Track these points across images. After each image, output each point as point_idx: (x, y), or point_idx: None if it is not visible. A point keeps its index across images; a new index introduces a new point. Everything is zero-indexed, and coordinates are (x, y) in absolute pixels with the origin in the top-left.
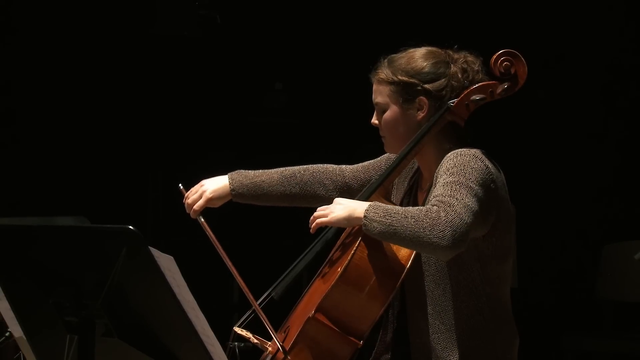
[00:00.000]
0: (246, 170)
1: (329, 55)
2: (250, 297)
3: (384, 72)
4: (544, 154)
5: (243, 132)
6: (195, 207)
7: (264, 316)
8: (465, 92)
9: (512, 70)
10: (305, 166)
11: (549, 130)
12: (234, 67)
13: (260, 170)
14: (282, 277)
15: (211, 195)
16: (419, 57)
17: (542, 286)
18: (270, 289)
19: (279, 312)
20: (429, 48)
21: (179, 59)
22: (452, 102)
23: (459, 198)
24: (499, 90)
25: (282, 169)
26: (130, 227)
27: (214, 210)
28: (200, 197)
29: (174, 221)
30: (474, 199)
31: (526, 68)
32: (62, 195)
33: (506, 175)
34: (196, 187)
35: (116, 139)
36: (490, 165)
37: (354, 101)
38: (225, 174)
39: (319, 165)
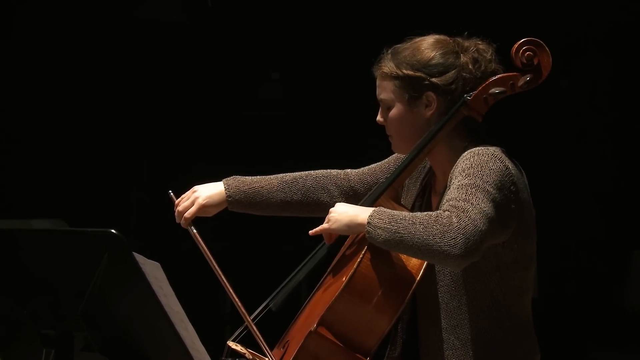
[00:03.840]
0: (242, 176)
1: (330, 41)
2: (243, 311)
3: (388, 66)
4: (568, 151)
5: (236, 127)
6: (186, 214)
7: (257, 332)
8: (484, 84)
9: (535, 61)
10: (307, 172)
11: (573, 125)
12: (226, 55)
13: (258, 176)
14: (280, 287)
15: (205, 202)
16: (425, 47)
17: (566, 296)
18: (267, 300)
19: (277, 326)
20: (436, 37)
21: (166, 47)
22: (469, 96)
23: (474, 202)
24: (520, 82)
25: (281, 174)
26: (113, 230)
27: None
28: (192, 204)
29: (161, 224)
30: (490, 204)
31: (550, 58)
32: (37, 197)
33: (527, 175)
34: (188, 193)
35: (97, 134)
36: (510, 166)
37: (358, 93)
38: (218, 174)
39: (321, 170)
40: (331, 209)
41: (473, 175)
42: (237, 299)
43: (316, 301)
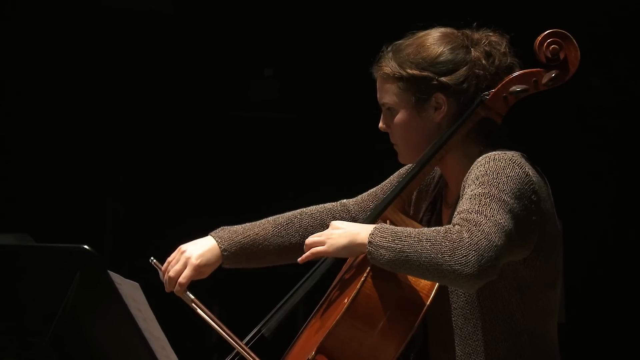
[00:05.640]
0: (230, 226)
1: (330, 33)
2: (234, 339)
3: (389, 66)
4: (596, 155)
5: (224, 130)
6: (181, 279)
7: (252, 355)
8: (503, 81)
9: (562, 55)
10: (299, 210)
11: (605, 126)
12: (213, 49)
13: (247, 224)
14: (274, 310)
15: (198, 261)
16: (431, 43)
17: (595, 320)
18: (259, 325)
19: (271, 353)
20: (442, 30)
21: (144, 40)
22: (487, 94)
23: (489, 214)
24: (544, 79)
25: (272, 217)
26: (85, 246)
27: None
28: (184, 266)
29: (139, 239)
30: (507, 216)
31: (578, 52)
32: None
33: (551, 183)
34: (175, 255)
35: (66, 139)
36: (531, 172)
37: (363, 91)
38: (204, 182)
39: (314, 206)
40: (326, 230)
41: (488, 184)
42: (247, 350)
43: (314, 326)
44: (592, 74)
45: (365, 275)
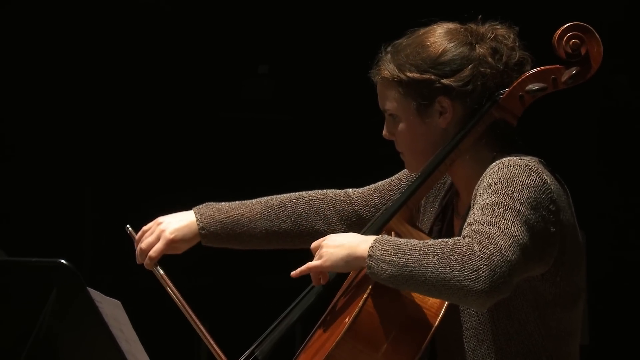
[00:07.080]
0: (217, 203)
1: (328, 28)
2: (215, 348)
3: (388, 69)
4: (624, 160)
5: (214, 132)
6: (151, 253)
7: None
8: (519, 79)
9: (583, 50)
10: (297, 193)
11: (633, 127)
12: (204, 44)
13: (237, 202)
14: (268, 330)
15: (172, 236)
16: (431, 42)
17: (621, 342)
18: (252, 347)
19: None
20: (444, 26)
21: (127, 33)
22: (501, 94)
23: (502, 226)
24: (564, 77)
25: (265, 198)
26: (63, 260)
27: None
28: (157, 239)
29: (121, 254)
30: (522, 228)
31: (601, 47)
32: None
33: (572, 191)
34: (151, 225)
35: (41, 143)
36: (549, 180)
37: (364, 91)
38: (190, 192)
39: (316, 191)
40: (323, 242)
41: (501, 192)
42: (217, 349)
43: (312, 348)
44: (616, 70)
45: (367, 292)
